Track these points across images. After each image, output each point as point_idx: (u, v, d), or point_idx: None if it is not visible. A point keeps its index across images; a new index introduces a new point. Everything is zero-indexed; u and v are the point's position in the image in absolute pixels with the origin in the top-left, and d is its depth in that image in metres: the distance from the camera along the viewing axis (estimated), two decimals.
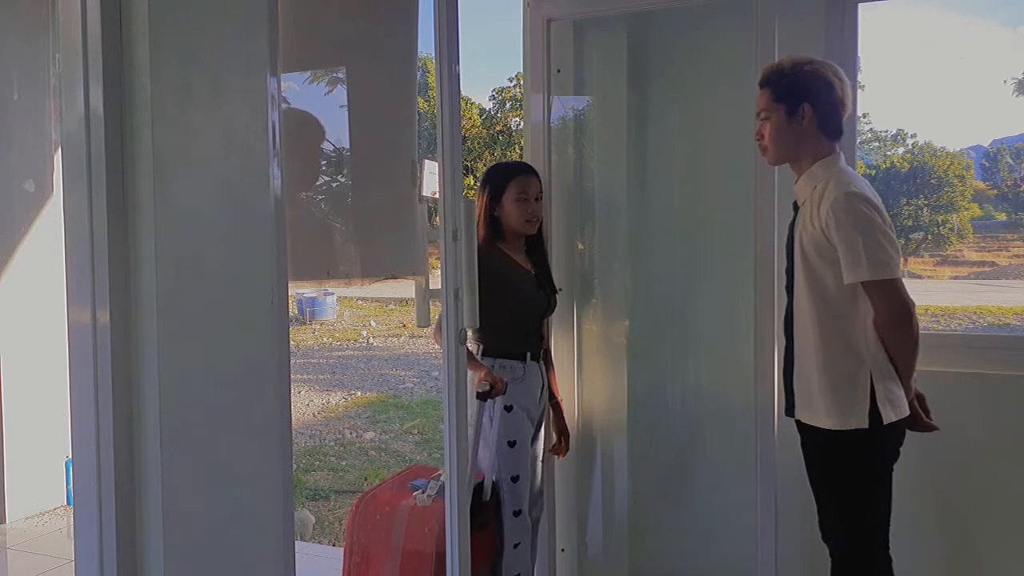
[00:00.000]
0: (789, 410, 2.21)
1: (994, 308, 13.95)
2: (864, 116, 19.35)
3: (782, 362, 2.26)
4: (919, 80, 29.46)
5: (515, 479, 2.59)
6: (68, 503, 4.14)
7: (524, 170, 2.66)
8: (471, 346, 2.54)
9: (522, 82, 3.58)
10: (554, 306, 2.74)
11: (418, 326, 2.37)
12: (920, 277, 18.13)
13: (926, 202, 18.75)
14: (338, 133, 2.18)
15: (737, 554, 2.73)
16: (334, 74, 2.19)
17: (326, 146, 2.19)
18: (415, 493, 2.54)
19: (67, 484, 4.14)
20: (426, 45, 2.09)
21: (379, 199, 2.23)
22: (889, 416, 2.04)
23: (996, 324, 13.10)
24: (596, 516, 3.08)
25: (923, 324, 2.66)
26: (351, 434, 7.24)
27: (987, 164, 21.44)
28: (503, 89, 22.23)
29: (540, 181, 2.68)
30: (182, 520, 1.81)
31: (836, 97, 2.12)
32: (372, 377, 9.97)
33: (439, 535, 2.35)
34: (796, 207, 2.20)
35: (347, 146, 2.20)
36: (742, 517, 2.63)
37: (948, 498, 2.62)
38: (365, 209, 2.22)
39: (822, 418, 2.09)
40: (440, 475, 2.50)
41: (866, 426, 2.03)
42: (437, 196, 2.00)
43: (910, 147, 20.40)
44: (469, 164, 20.17)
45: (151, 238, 1.77)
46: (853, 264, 1.99)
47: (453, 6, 1.91)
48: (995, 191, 21.19)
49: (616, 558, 3.06)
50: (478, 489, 2.53)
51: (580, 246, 3.09)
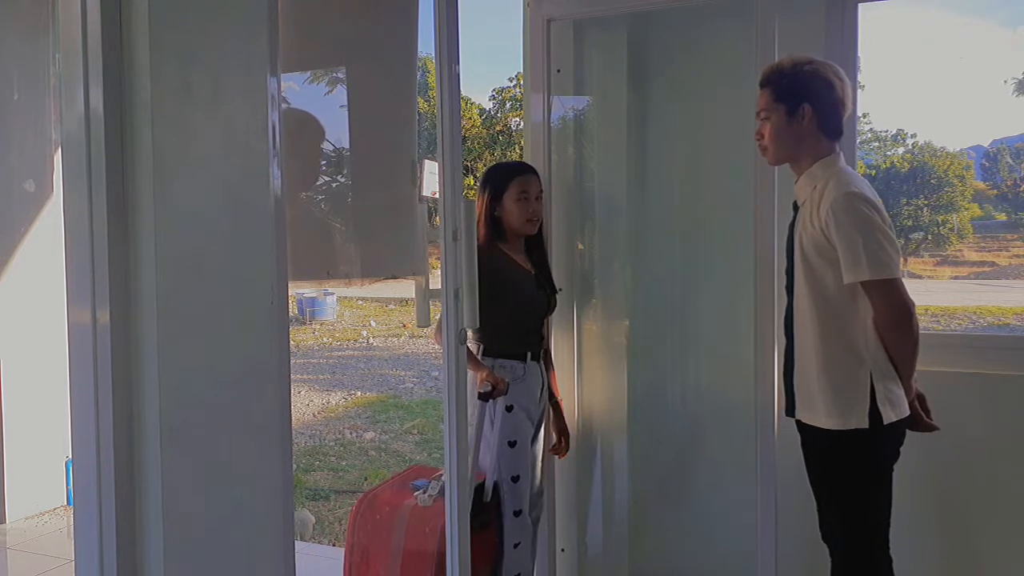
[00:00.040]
0: (789, 410, 2.21)
1: (994, 308, 13.95)
2: (864, 116, 19.36)
3: (782, 362, 2.26)
4: (919, 80, 29.51)
5: (515, 479, 2.59)
6: (68, 503, 4.14)
7: (524, 170, 2.67)
8: (471, 346, 2.54)
9: (522, 82, 3.58)
10: (554, 306, 2.74)
11: (418, 326, 2.37)
12: (920, 277, 18.14)
13: (926, 202, 18.76)
14: (338, 133, 2.18)
15: (737, 554, 2.73)
16: (334, 74, 2.19)
17: (326, 146, 2.19)
18: (416, 493, 2.54)
19: (67, 484, 4.14)
20: (426, 45, 2.10)
21: (379, 199, 2.23)
22: (889, 416, 2.04)
23: (996, 324, 13.10)
24: (596, 516, 3.08)
25: (923, 324, 2.66)
26: (351, 434, 7.24)
27: (987, 164, 21.45)
28: (503, 89, 22.26)
29: (540, 181, 2.68)
30: (182, 520, 1.81)
31: (836, 97, 2.12)
32: (372, 377, 9.97)
33: (440, 535, 2.35)
34: (796, 207, 2.20)
35: (347, 146, 2.20)
36: (742, 517, 2.63)
37: (948, 498, 2.62)
38: (365, 209, 2.22)
39: (822, 418, 2.09)
40: (441, 475, 2.50)
41: (866, 426, 2.03)
42: (437, 196, 2.00)
43: (910, 147, 20.42)
44: (469, 164, 20.16)
45: (151, 238, 1.77)
46: (853, 264, 1.99)
47: (453, 6, 1.91)
48: (995, 191, 21.20)
49: (616, 558, 3.06)
50: (479, 490, 2.53)
51: (580, 246, 3.09)
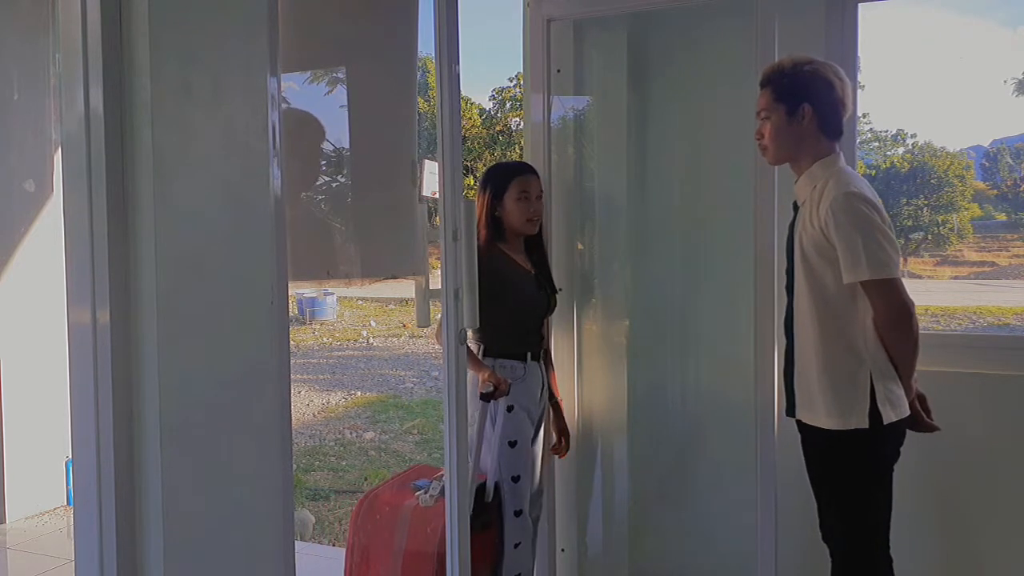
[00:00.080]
0: (790, 410, 2.21)
1: (994, 308, 13.95)
2: (864, 116, 19.36)
3: (782, 362, 2.26)
4: (919, 80, 29.50)
5: (516, 479, 2.59)
6: (68, 503, 4.14)
7: (525, 169, 2.67)
8: (472, 346, 2.54)
9: (522, 82, 3.58)
10: (554, 306, 2.74)
11: (418, 326, 2.37)
12: (920, 277, 18.13)
13: (926, 202, 18.75)
14: (338, 133, 2.18)
15: (737, 554, 2.73)
16: (334, 74, 2.19)
17: (326, 146, 2.19)
18: (417, 493, 2.53)
19: (67, 484, 4.14)
20: (426, 45, 2.10)
21: (379, 199, 2.23)
22: (889, 416, 2.04)
23: (996, 324, 13.10)
24: (596, 516, 3.08)
25: (923, 324, 2.66)
26: (351, 434, 7.24)
27: (987, 164, 21.44)
28: (503, 89, 22.25)
29: (540, 180, 2.68)
30: (182, 520, 1.81)
31: (836, 97, 2.12)
32: (372, 377, 9.96)
33: (441, 535, 2.35)
34: (796, 207, 2.20)
35: (347, 146, 2.20)
36: (742, 517, 2.63)
37: (948, 498, 2.62)
38: (365, 209, 2.22)
39: (822, 418, 2.09)
40: (442, 475, 2.50)
41: (866, 426, 2.03)
42: (437, 196, 2.00)
43: (910, 147, 20.42)
44: (469, 164, 20.16)
45: (151, 238, 1.77)
46: (852, 264, 1.99)
47: (453, 6, 1.91)
48: (995, 191, 21.20)
49: (616, 558, 3.06)
50: (480, 490, 2.53)
51: (580, 246, 3.09)
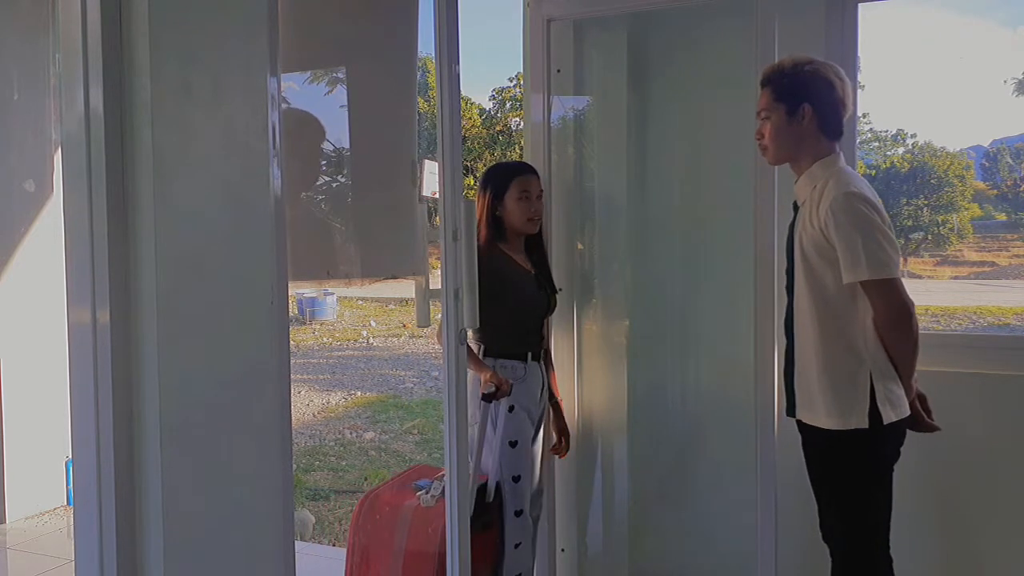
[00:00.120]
0: (790, 410, 2.21)
1: (994, 308, 13.95)
2: (864, 116, 19.37)
3: (783, 362, 2.26)
4: (919, 80, 29.50)
5: (516, 479, 2.59)
6: (68, 503, 4.14)
7: (525, 169, 2.68)
8: (472, 346, 2.54)
9: (522, 82, 3.58)
10: (554, 306, 2.74)
11: (418, 326, 2.37)
12: (920, 277, 18.13)
13: (926, 202, 18.75)
14: (338, 133, 2.18)
15: (737, 554, 2.73)
16: (334, 74, 2.19)
17: (326, 146, 2.19)
18: (419, 493, 2.53)
19: (67, 484, 4.14)
20: (426, 45, 2.10)
21: (379, 199, 2.23)
22: (889, 416, 2.04)
23: (996, 324, 13.10)
24: (596, 516, 3.08)
25: (923, 324, 2.66)
26: (351, 434, 7.24)
27: (987, 164, 21.44)
28: (503, 89, 22.25)
29: (540, 180, 2.69)
30: (182, 520, 1.81)
31: (836, 97, 2.12)
32: (372, 377, 9.96)
33: (442, 535, 2.34)
34: (796, 207, 2.20)
35: (347, 146, 2.20)
36: (742, 517, 2.63)
37: (948, 498, 2.62)
38: (365, 209, 2.22)
39: (822, 418, 2.09)
40: (443, 475, 2.50)
41: (866, 426, 2.03)
42: (437, 196, 2.00)
43: (910, 147, 20.42)
44: (469, 164, 20.16)
45: (151, 238, 1.77)
46: (852, 264, 1.99)
47: (453, 6, 1.90)
48: (995, 191, 21.20)
49: (616, 558, 3.06)
50: (482, 490, 2.53)
51: (580, 246, 3.09)
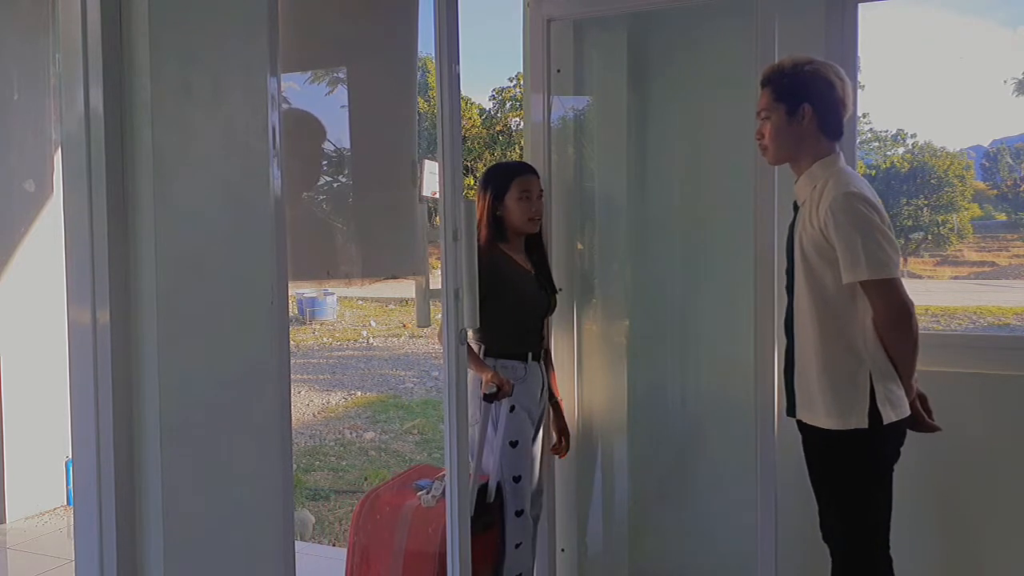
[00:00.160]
0: (790, 410, 2.21)
1: (994, 308, 13.95)
2: (864, 116, 19.37)
3: (783, 362, 2.26)
4: (919, 80, 29.52)
5: (517, 479, 2.59)
6: (68, 503, 4.14)
7: (525, 169, 2.68)
8: (473, 346, 2.54)
9: (522, 82, 3.58)
10: (554, 306, 2.74)
11: (418, 326, 2.37)
12: (920, 277, 18.14)
13: (926, 202, 18.76)
14: (339, 133, 2.18)
15: (737, 554, 2.73)
16: (335, 74, 2.19)
17: (327, 146, 2.19)
18: (420, 493, 2.53)
19: (67, 484, 4.14)
20: (426, 45, 2.09)
21: (379, 199, 2.23)
22: (889, 416, 2.04)
23: (996, 324, 13.10)
24: (596, 516, 3.08)
25: (923, 324, 2.66)
26: (351, 434, 7.24)
27: (987, 164, 21.45)
28: (503, 89, 22.25)
29: (540, 180, 2.69)
30: (182, 520, 1.81)
31: (836, 97, 2.12)
32: (372, 377, 9.96)
33: (442, 536, 2.34)
34: (796, 207, 2.20)
35: (347, 146, 2.20)
36: (742, 517, 2.62)
37: (948, 498, 2.62)
38: (365, 209, 2.22)
39: (822, 418, 2.09)
40: (444, 475, 2.50)
41: (866, 426, 2.03)
42: (437, 196, 2.00)
43: (910, 147, 20.43)
44: (469, 164, 20.16)
45: (151, 238, 1.77)
46: (852, 264, 1.99)
47: (453, 6, 1.90)
48: (995, 191, 21.20)
49: (616, 558, 3.06)
50: (482, 491, 2.53)
51: (580, 246, 3.09)
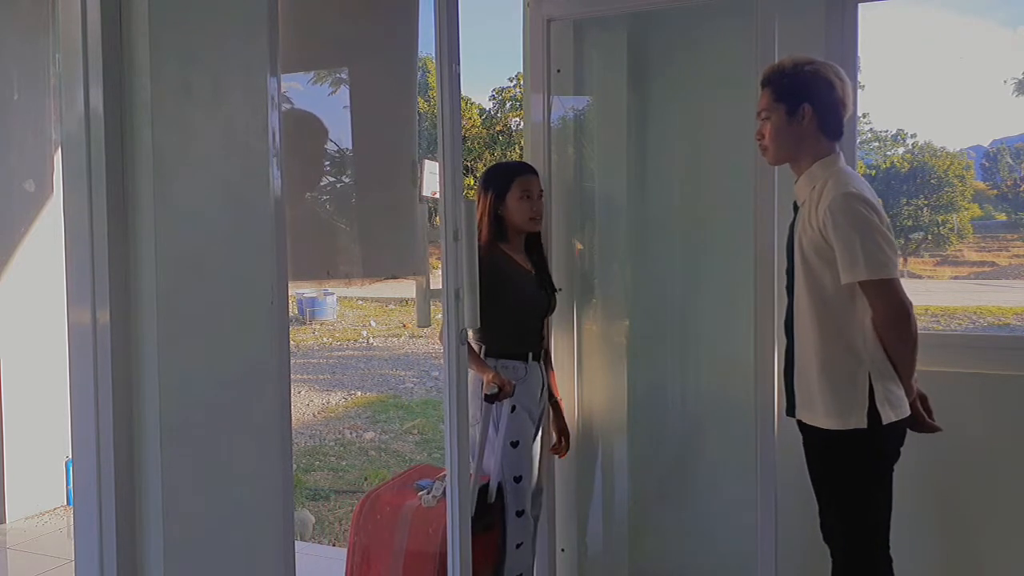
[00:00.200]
0: (790, 410, 2.21)
1: (994, 308, 13.96)
2: (864, 116, 19.38)
3: (783, 362, 2.26)
4: (919, 80, 29.55)
5: (518, 479, 2.59)
6: (68, 503, 4.14)
7: (526, 169, 2.69)
8: (474, 347, 2.54)
9: (522, 82, 3.58)
10: (554, 306, 2.75)
11: (418, 326, 2.37)
12: (920, 277, 18.15)
13: (926, 202, 18.77)
14: (340, 133, 2.18)
15: (737, 554, 2.73)
16: (337, 75, 2.19)
17: (329, 146, 2.19)
18: (420, 493, 2.53)
19: (67, 484, 4.14)
20: (426, 45, 2.10)
21: (379, 199, 2.23)
22: (888, 416, 2.04)
23: (996, 324, 13.10)
24: (596, 516, 3.08)
25: (923, 324, 2.66)
26: (351, 434, 7.24)
27: (987, 164, 21.46)
28: (503, 89, 22.27)
29: (540, 179, 2.70)
30: (182, 520, 1.81)
31: (837, 97, 2.12)
32: (372, 377, 9.96)
33: (443, 536, 2.34)
34: (796, 207, 2.20)
35: (349, 146, 2.20)
36: (742, 517, 2.62)
37: (948, 498, 2.62)
38: (365, 209, 2.22)
39: (821, 418, 2.09)
40: (445, 475, 2.50)
41: (865, 426, 2.03)
42: (437, 196, 2.00)
43: (910, 147, 20.45)
44: (469, 164, 20.17)
45: (151, 238, 1.77)
46: (850, 264, 1.99)
47: (453, 6, 1.90)
48: (995, 191, 21.22)
49: (616, 558, 3.06)
50: (483, 491, 2.53)
51: (580, 246, 3.09)
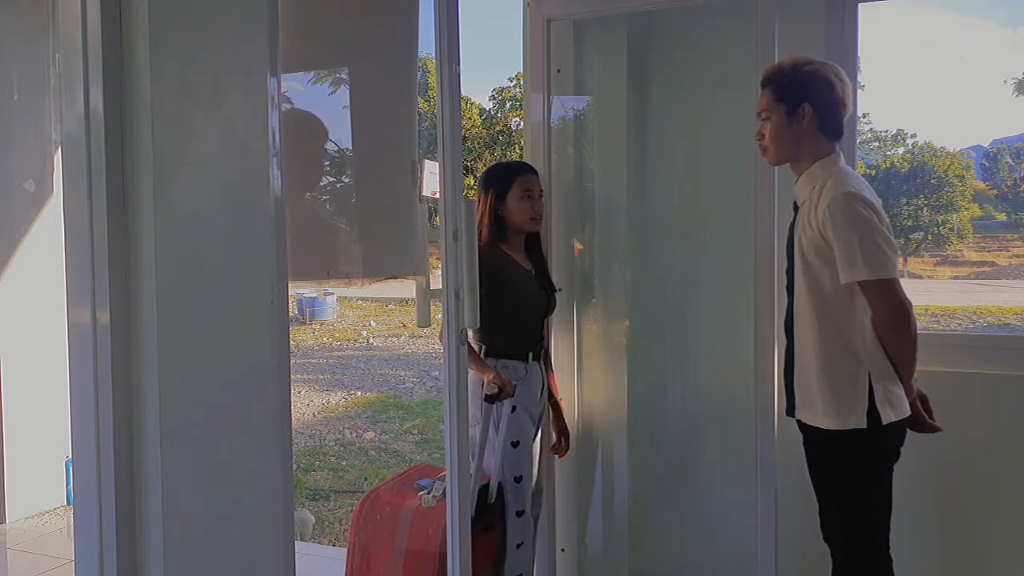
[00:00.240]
0: (790, 410, 2.21)
1: (994, 308, 13.96)
2: (864, 116, 19.39)
3: (783, 362, 2.26)
4: (919, 80, 29.56)
5: (518, 479, 2.59)
6: (68, 503, 4.14)
7: (526, 169, 2.69)
8: (474, 347, 2.54)
9: (522, 82, 3.58)
10: (554, 306, 2.75)
11: (418, 326, 2.37)
12: (920, 277, 18.15)
13: (926, 202, 18.77)
14: (340, 133, 2.18)
15: (737, 554, 2.73)
16: (337, 75, 2.19)
17: (329, 146, 2.19)
18: (420, 493, 2.53)
19: (67, 484, 4.14)
20: (426, 45, 2.10)
21: (380, 199, 2.23)
22: (888, 416, 2.04)
23: (996, 324, 13.11)
24: (596, 516, 3.08)
25: (923, 324, 2.66)
26: (351, 434, 7.24)
27: (987, 164, 21.46)
28: (503, 89, 22.27)
29: (540, 179, 2.70)
30: (182, 520, 1.81)
31: (836, 97, 2.12)
32: (372, 377, 9.96)
33: (443, 536, 2.34)
34: (796, 207, 2.20)
35: (348, 146, 2.20)
36: (742, 517, 2.62)
37: (948, 498, 2.62)
38: (366, 209, 2.22)
39: (821, 418, 2.09)
40: (445, 475, 2.50)
41: (864, 426, 2.03)
42: (437, 196, 2.00)
43: (910, 147, 20.45)
44: (469, 164, 20.17)
45: (151, 238, 1.77)
46: (850, 264, 1.99)
47: (453, 6, 1.90)
48: (995, 191, 21.22)
49: (616, 558, 3.06)
50: (483, 492, 2.53)
51: (580, 246, 3.09)
